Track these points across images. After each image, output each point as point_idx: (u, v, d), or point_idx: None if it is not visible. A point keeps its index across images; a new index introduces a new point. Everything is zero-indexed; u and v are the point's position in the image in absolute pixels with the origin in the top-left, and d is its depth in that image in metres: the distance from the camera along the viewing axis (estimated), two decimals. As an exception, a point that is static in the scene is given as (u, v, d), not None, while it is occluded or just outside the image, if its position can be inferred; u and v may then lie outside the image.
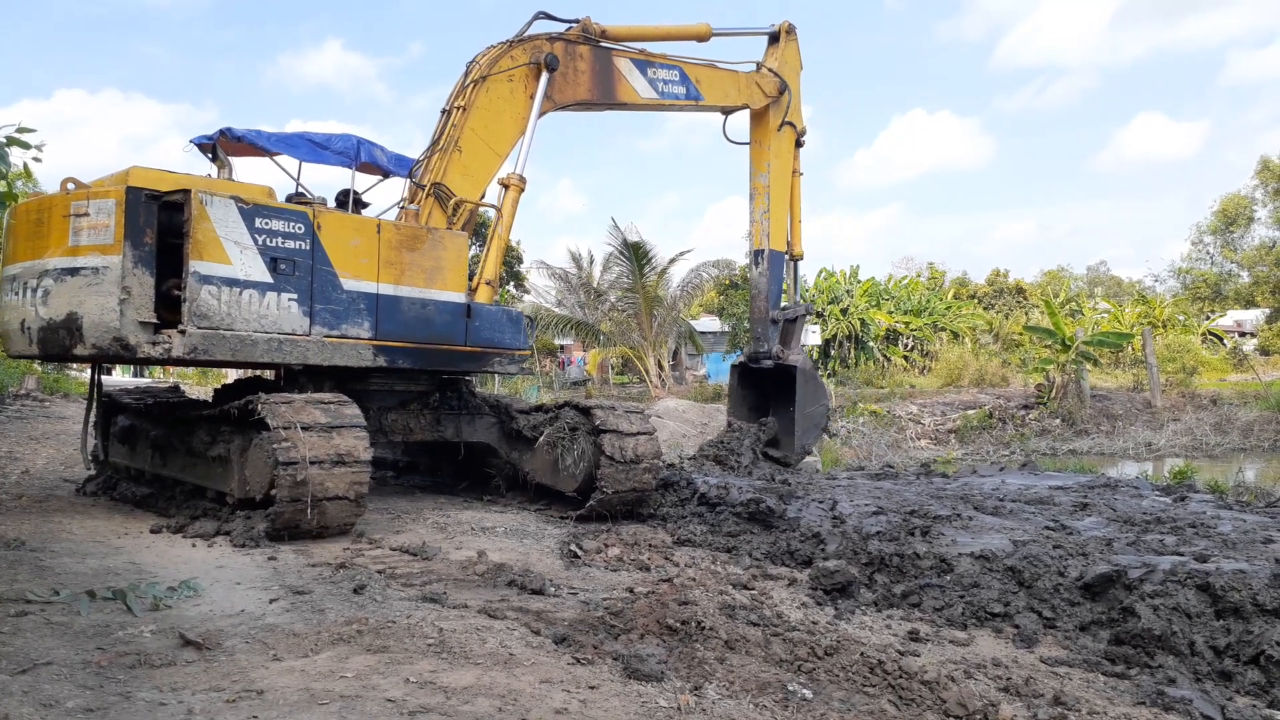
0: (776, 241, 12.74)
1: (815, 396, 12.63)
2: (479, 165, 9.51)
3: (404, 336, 8.30)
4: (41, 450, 12.42)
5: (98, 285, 6.99)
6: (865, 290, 42.79)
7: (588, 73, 10.45)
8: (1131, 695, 4.45)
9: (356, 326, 7.98)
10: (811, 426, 12.47)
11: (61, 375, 22.05)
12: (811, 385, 12.62)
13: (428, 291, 8.47)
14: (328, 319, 7.81)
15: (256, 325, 7.41)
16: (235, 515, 7.33)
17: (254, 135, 8.98)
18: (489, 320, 8.99)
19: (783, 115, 12.63)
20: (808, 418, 12.35)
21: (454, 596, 5.44)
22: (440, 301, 8.55)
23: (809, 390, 12.45)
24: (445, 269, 8.61)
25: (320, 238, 7.75)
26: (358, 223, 8.20)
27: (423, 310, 8.42)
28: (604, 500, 8.28)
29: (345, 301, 7.92)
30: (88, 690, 3.61)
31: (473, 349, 8.80)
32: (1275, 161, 38.38)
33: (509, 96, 9.69)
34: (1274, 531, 7.31)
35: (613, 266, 36.31)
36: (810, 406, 12.42)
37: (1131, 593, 5.48)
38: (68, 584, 5.33)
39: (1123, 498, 9.53)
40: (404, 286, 8.30)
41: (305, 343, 7.69)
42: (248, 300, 7.34)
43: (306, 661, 4.03)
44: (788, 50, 12.97)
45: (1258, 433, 21.09)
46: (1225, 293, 46.12)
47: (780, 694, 4.00)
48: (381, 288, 8.14)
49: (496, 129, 9.59)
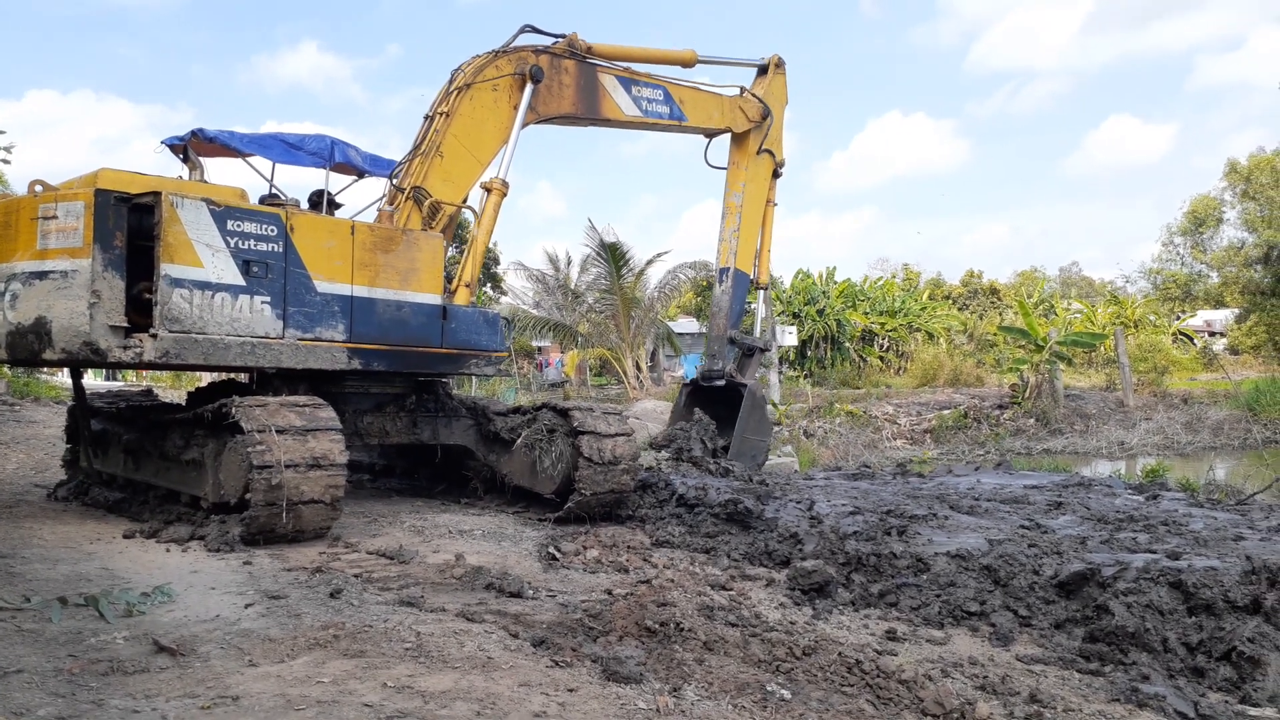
0: (743, 262, 12.77)
1: (759, 427, 12.51)
2: (460, 171, 9.51)
3: (379, 339, 8.24)
4: (11, 455, 12.25)
5: (66, 289, 6.88)
6: (841, 291, 43.01)
7: (572, 87, 10.49)
8: (1106, 692, 4.50)
9: (331, 329, 7.92)
10: (746, 453, 12.14)
11: (32, 379, 21.74)
12: (758, 414, 12.47)
13: (402, 293, 8.41)
14: (301, 321, 7.73)
15: (229, 329, 7.33)
16: (210, 520, 7.25)
17: (226, 136, 8.87)
18: (466, 322, 8.95)
19: (762, 141, 12.73)
20: (745, 443, 12.15)
21: (431, 600, 5.42)
22: (415, 303, 8.50)
23: (755, 418, 12.34)
24: (420, 270, 8.56)
25: (293, 240, 7.66)
26: (331, 224, 8.15)
27: (398, 312, 8.36)
28: (582, 502, 8.26)
29: (319, 304, 7.84)
30: (60, 698, 3.56)
31: (449, 351, 8.75)
32: (1243, 164, 38.88)
33: (493, 105, 9.70)
34: (1244, 529, 7.41)
35: (590, 268, 36.33)
36: (752, 434, 12.27)
37: (1105, 590, 5.53)
38: (39, 590, 5.26)
39: (1096, 496, 9.63)
40: (378, 288, 8.24)
41: (279, 346, 7.61)
42: (220, 303, 7.26)
43: (282, 667, 4.00)
44: (775, 83, 13.06)
45: (1228, 431, 21.38)
46: (1195, 293, 46.69)
47: (759, 694, 4.01)
48: (356, 290, 8.06)
49: (479, 136, 9.60)
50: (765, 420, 12.82)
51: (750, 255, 12.88)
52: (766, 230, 13.24)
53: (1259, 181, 37.51)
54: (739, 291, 12.77)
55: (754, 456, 12.30)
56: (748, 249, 12.80)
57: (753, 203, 12.81)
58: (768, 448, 12.80)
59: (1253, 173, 38.13)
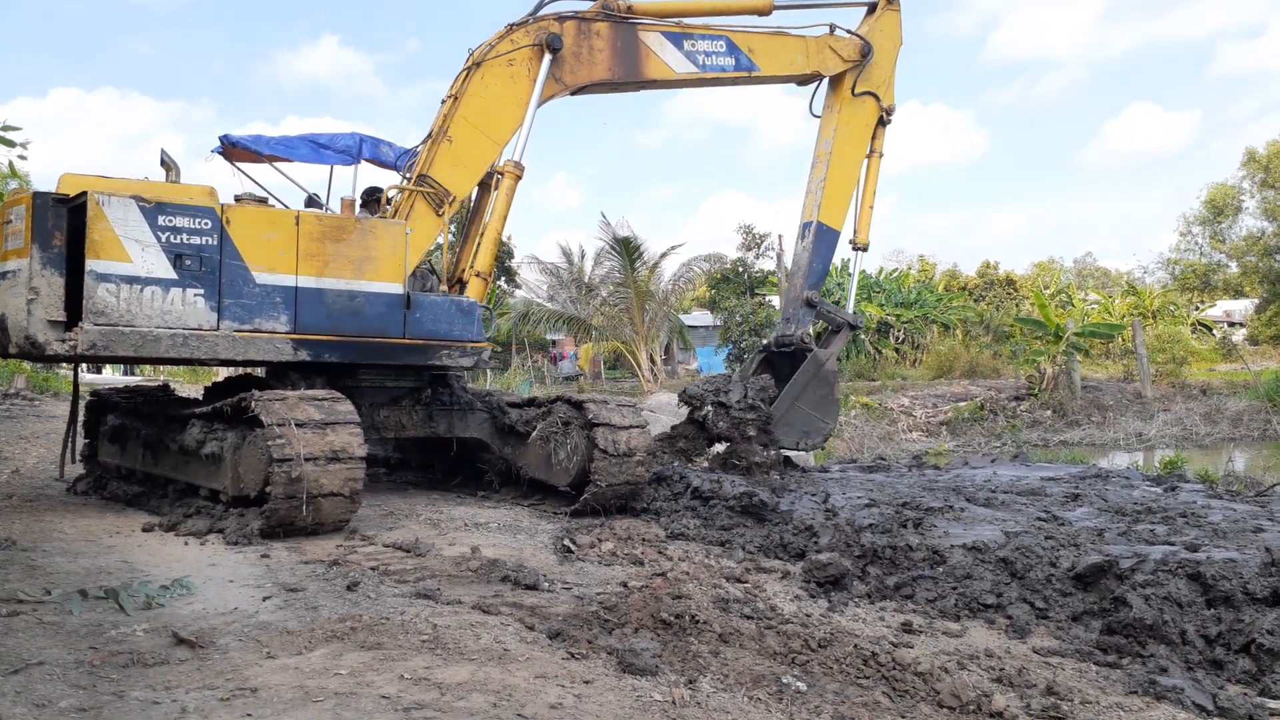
0: (829, 216, 11.14)
1: (820, 403, 10.95)
2: (472, 155, 9.17)
3: (329, 329, 8.08)
4: (32, 449, 12.37)
5: (15, 288, 7.26)
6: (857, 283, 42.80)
7: (606, 51, 9.65)
8: (1123, 685, 4.48)
9: (272, 320, 7.85)
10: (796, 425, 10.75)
11: (51, 374, 21.94)
12: (821, 388, 10.94)
13: (356, 283, 8.20)
14: (239, 313, 7.71)
15: (159, 321, 7.41)
16: (228, 513, 7.31)
17: (250, 140, 9.06)
18: (433, 311, 8.60)
19: (864, 83, 11.18)
20: (796, 413, 10.74)
21: (448, 593, 5.44)
22: (371, 293, 8.27)
23: (816, 390, 10.85)
24: (377, 259, 8.31)
25: (230, 232, 7.67)
26: (273, 215, 8.07)
27: (350, 302, 8.17)
28: (598, 494, 8.28)
29: (258, 295, 7.79)
30: (81, 690, 3.60)
31: (413, 341, 8.46)
32: (1261, 152, 38.52)
33: (509, 82, 9.21)
34: (1264, 520, 7.35)
35: (604, 261, 36.34)
36: (808, 406, 10.81)
37: (1123, 583, 5.50)
38: (60, 583, 5.31)
39: (1114, 488, 9.57)
40: (328, 278, 8.07)
41: (214, 338, 7.61)
42: (150, 297, 7.36)
43: (300, 659, 4.03)
44: (884, 19, 11.53)
45: (1247, 422, 21.20)
46: (1214, 283, 46.29)
47: (774, 686, 4.01)
48: (301, 280, 7.95)
49: (494, 116, 9.18)
50: (829, 398, 11.12)
51: (840, 209, 11.27)
52: (869, 184, 11.58)
53: (1278, 170, 37.15)
54: (821, 248, 11.17)
55: (806, 433, 10.85)
56: (836, 201, 11.21)
57: (846, 150, 11.25)
58: (827, 431, 11.14)
59: (1271, 161, 37.77)
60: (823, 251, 11.23)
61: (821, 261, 11.28)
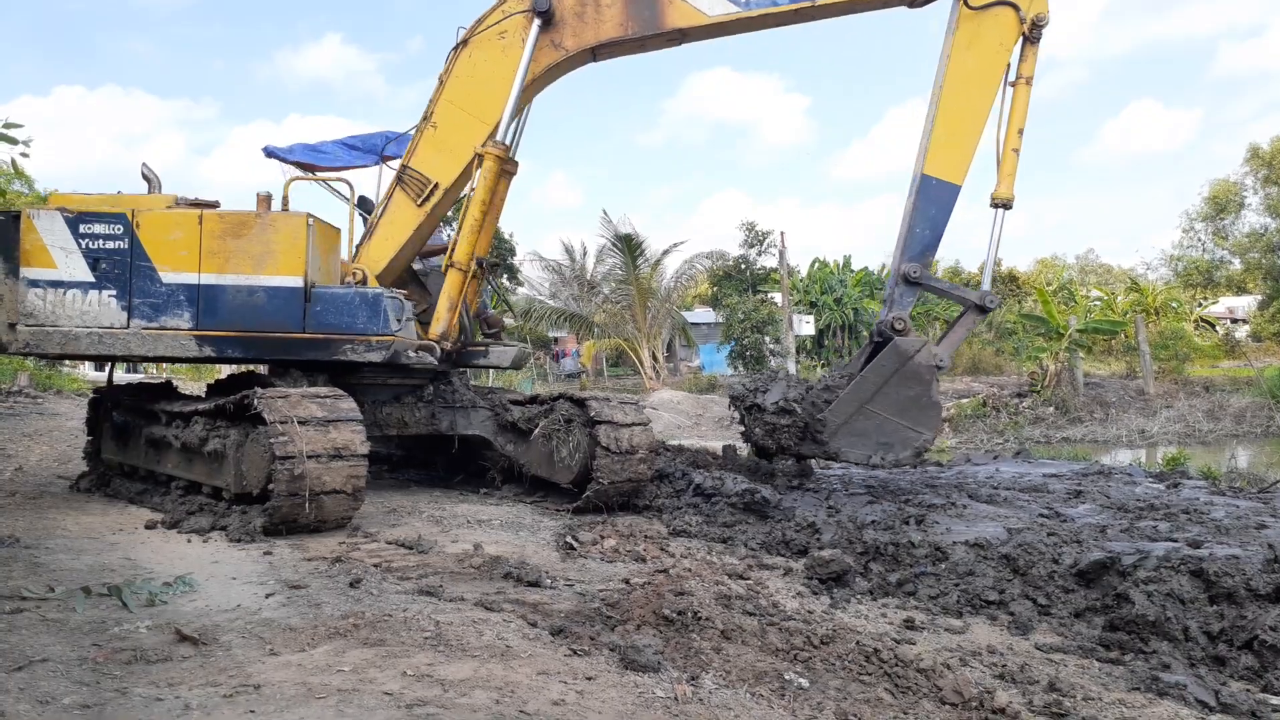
0: (939, 165, 8.64)
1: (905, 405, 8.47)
2: (458, 138, 8.64)
3: (230, 325, 8.10)
4: (35, 447, 12.39)
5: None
6: (859, 280, 42.83)
7: (617, 5, 8.54)
8: (1126, 681, 4.48)
9: (176, 318, 8.07)
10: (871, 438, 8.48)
11: (54, 372, 21.97)
12: (912, 388, 8.45)
13: (256, 278, 8.14)
14: (147, 312, 8.06)
15: (79, 321, 8.03)
16: (231, 510, 7.33)
17: (284, 152, 9.36)
18: (334, 304, 8.25)
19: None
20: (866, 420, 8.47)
21: (450, 589, 5.44)
22: (270, 287, 8.16)
23: (903, 389, 8.44)
24: (277, 253, 8.18)
25: (139, 235, 8.05)
26: (179, 216, 8.17)
27: (250, 297, 8.13)
28: (600, 491, 8.28)
29: (164, 294, 8.06)
30: (84, 686, 3.60)
31: (314, 335, 8.22)
32: (1265, 149, 38.45)
33: (501, 57, 8.50)
34: (1266, 517, 7.35)
35: (606, 258, 36.36)
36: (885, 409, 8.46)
37: (1125, 579, 5.50)
38: (63, 580, 5.32)
39: (1116, 485, 9.57)
40: (228, 275, 8.10)
41: (125, 335, 8.03)
42: (71, 299, 8.04)
43: (303, 656, 4.03)
44: None
45: (1250, 419, 21.18)
46: (1217, 279, 46.23)
47: (777, 683, 4.01)
48: (204, 278, 8.09)
49: (485, 95, 8.57)
50: (924, 401, 8.47)
51: (955, 155, 8.65)
52: (1012, 120, 8.69)
53: (1281, 167, 37.09)
54: (926, 207, 8.64)
55: (886, 445, 8.51)
56: (950, 146, 8.63)
57: (966, 79, 8.63)
58: (920, 443, 8.52)
59: (1275, 157, 37.70)
60: (929, 212, 8.63)
61: (927, 225, 8.65)
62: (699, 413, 24.31)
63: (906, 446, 8.49)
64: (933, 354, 8.47)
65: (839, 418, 8.49)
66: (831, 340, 40.59)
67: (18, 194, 22.00)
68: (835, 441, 8.54)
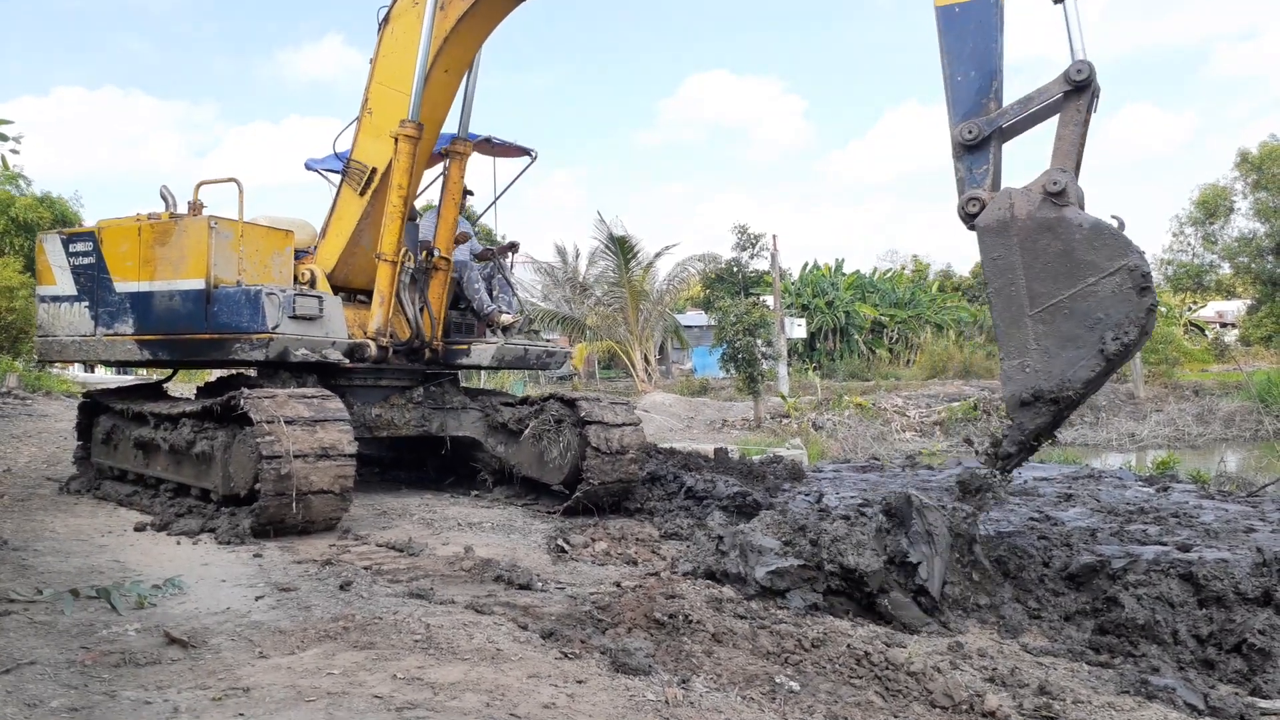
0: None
1: (1069, 266, 5.72)
2: (392, 118, 8.39)
3: (158, 329, 8.29)
4: (24, 449, 12.32)
5: None
6: (850, 283, 42.93)
7: None
8: (1116, 684, 4.49)
9: (124, 324, 8.51)
10: (1067, 339, 5.77)
11: (44, 374, 21.86)
12: (1047, 246, 5.78)
13: (174, 282, 8.23)
14: (107, 319, 8.63)
15: (67, 330, 8.93)
16: (220, 512, 7.30)
17: (319, 163, 9.89)
18: (227, 304, 8.09)
19: None
20: (1047, 321, 5.86)
21: (441, 592, 5.43)
22: (183, 290, 8.21)
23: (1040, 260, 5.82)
24: (188, 256, 8.19)
25: (102, 249, 8.65)
26: (128, 229, 8.53)
27: (169, 301, 8.27)
28: (590, 492, 8.27)
29: (116, 303, 8.57)
30: (72, 689, 3.58)
31: (212, 335, 8.17)
32: (1254, 153, 38.58)
33: (417, 23, 8.19)
34: (1255, 521, 7.37)
35: (599, 260, 36.28)
36: (1055, 294, 5.80)
37: (1115, 582, 5.52)
38: (51, 583, 5.29)
39: (1106, 488, 9.59)
40: (157, 281, 8.30)
41: (94, 342, 8.72)
42: (63, 311, 8.94)
43: (293, 659, 4.02)
44: None
45: (1239, 423, 21.29)
46: (1206, 284, 46.39)
47: (767, 686, 4.01)
48: (141, 285, 8.41)
49: (408, 67, 8.29)
50: (1087, 239, 5.70)
51: None
52: None
53: (1270, 171, 37.24)
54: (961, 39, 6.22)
55: (1099, 324, 5.63)
56: None
57: None
58: (1133, 280, 5.54)
59: (1263, 162, 37.87)
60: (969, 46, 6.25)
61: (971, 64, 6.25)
62: (691, 415, 24.33)
63: (1123, 297, 5.59)
64: (1041, 187, 5.87)
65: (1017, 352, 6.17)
66: (823, 344, 40.67)
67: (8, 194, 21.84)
68: (1048, 379, 5.95)
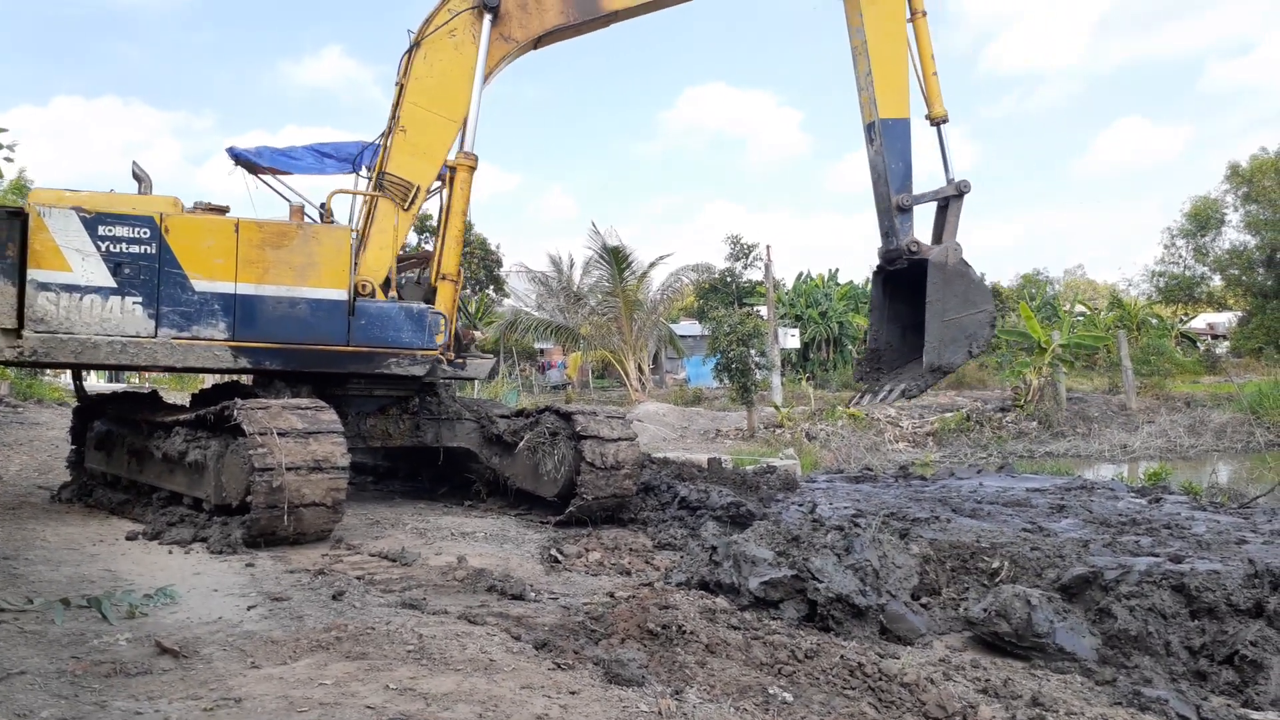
0: (889, 107, 9.74)
1: (965, 299, 9.47)
2: (430, 138, 8.81)
3: (270, 337, 8.02)
4: (15, 457, 12.27)
5: None
6: (844, 294, 43.02)
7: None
8: (1108, 696, 4.49)
9: (210, 328, 7.87)
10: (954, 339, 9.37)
11: (35, 381, 21.78)
12: (958, 285, 9.45)
13: (298, 289, 8.10)
14: (177, 321, 7.79)
15: (99, 329, 7.59)
16: (212, 521, 7.27)
17: (252, 153, 9.23)
18: (380, 319, 8.36)
19: None
20: (950, 326, 9.38)
21: (434, 602, 5.42)
22: (314, 300, 8.16)
23: (953, 290, 9.39)
24: (320, 265, 8.19)
25: (168, 240, 7.75)
26: (213, 223, 8.03)
27: (291, 309, 8.08)
28: (584, 506, 8.26)
29: (197, 303, 7.84)
30: (62, 699, 3.57)
31: (358, 349, 8.27)
32: (1245, 166, 38.82)
33: (454, 54, 8.73)
34: (1247, 532, 7.41)
35: (593, 270, 36.37)
36: (957, 311, 9.42)
37: (1108, 594, 5.53)
38: (42, 592, 5.27)
39: (1099, 500, 9.63)
40: (268, 285, 8.01)
41: (152, 345, 7.73)
42: (89, 305, 7.56)
43: (285, 669, 4.00)
44: None
45: (1230, 434, 21.33)
46: (1197, 296, 46.58)
47: (761, 697, 4.01)
48: (241, 287, 7.94)
49: (447, 93, 8.78)
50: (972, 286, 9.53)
51: (898, 96, 9.81)
52: (923, 52, 9.88)
53: (1261, 184, 37.46)
54: (894, 144, 9.71)
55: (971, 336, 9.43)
56: (891, 89, 9.76)
57: (883, 30, 9.73)
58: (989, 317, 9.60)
59: (1254, 175, 38.10)
60: (898, 148, 9.73)
61: (899, 160, 9.73)
62: (684, 425, 24.32)
63: (983, 326, 9.55)
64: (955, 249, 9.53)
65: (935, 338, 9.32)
66: (816, 354, 40.72)
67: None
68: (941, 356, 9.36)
